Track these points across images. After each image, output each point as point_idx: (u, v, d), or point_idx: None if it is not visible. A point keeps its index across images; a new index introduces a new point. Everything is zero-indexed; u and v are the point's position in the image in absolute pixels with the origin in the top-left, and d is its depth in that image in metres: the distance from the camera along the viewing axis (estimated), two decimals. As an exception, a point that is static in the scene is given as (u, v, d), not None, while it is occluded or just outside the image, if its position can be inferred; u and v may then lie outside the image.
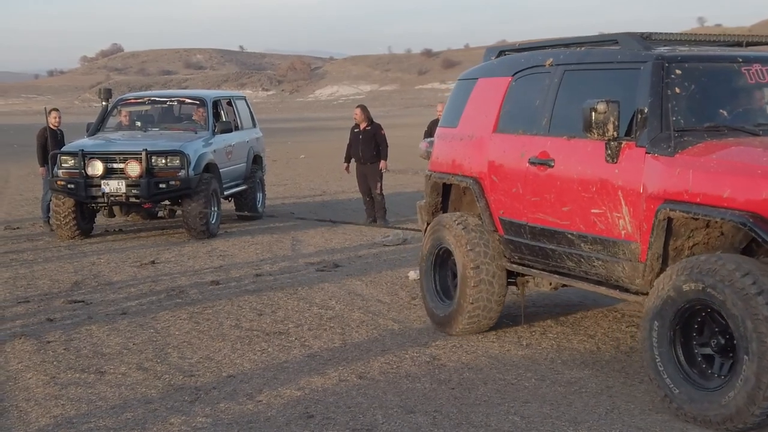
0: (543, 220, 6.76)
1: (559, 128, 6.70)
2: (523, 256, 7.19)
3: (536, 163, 6.79)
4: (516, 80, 7.35)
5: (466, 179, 7.64)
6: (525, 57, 7.44)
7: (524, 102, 7.17)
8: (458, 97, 8.14)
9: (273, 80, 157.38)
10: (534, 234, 6.90)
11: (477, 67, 8.20)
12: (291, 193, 19.89)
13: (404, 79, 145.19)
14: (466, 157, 7.66)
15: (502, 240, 7.34)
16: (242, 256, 11.73)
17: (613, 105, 5.93)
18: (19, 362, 7.06)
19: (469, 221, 7.56)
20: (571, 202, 6.47)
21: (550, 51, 7.27)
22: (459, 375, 6.57)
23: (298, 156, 32.07)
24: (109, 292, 9.60)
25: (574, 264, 6.60)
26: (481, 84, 7.80)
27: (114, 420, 5.74)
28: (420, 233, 13.28)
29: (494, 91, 7.52)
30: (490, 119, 7.46)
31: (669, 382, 5.57)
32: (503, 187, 7.18)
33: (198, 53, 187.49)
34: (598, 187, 6.22)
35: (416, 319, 8.27)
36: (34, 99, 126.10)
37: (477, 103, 7.75)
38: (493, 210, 7.35)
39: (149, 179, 12.83)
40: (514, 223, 7.12)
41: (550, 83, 6.90)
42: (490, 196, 7.35)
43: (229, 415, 5.79)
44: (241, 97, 16.68)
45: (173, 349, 7.37)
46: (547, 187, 6.70)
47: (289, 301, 9.01)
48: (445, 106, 14.51)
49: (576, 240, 6.47)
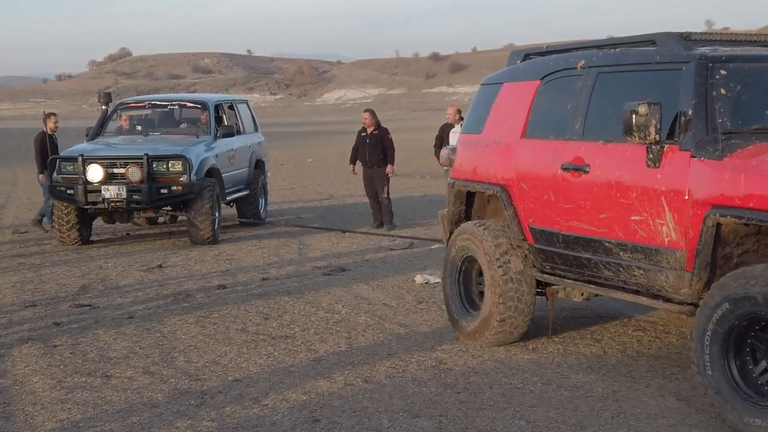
0: (577, 228, 6.51)
1: (593, 132, 6.45)
2: (555, 266, 6.92)
3: (570, 169, 6.53)
4: (545, 84, 7.10)
5: (492, 187, 7.37)
6: (554, 60, 7.18)
7: (555, 106, 6.92)
8: (482, 103, 7.86)
9: (281, 84, 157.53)
10: (567, 243, 6.65)
11: (501, 71, 7.93)
12: (298, 197, 19.91)
13: (412, 82, 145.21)
14: (492, 164, 7.39)
15: (532, 249, 7.07)
16: (249, 260, 11.74)
17: (655, 107, 5.69)
18: (26, 366, 7.07)
19: (496, 230, 7.29)
20: (609, 208, 6.22)
21: (580, 53, 7.00)
22: (465, 379, 6.56)
23: (305, 160, 32.10)
24: (115, 296, 9.62)
25: (611, 273, 6.34)
26: (507, 88, 7.53)
27: (120, 424, 5.75)
28: (427, 236, 13.35)
29: (521, 96, 7.27)
30: (517, 124, 7.19)
31: (720, 399, 5.32)
32: (533, 195, 6.92)
33: (206, 57, 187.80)
34: (638, 193, 5.98)
35: (422, 323, 8.27)
36: (43, 103, 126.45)
37: (503, 108, 7.48)
38: (522, 218, 7.08)
39: (150, 184, 12.61)
40: (545, 232, 6.86)
41: (583, 86, 6.66)
42: (519, 204, 7.08)
43: (234, 419, 5.79)
44: (242, 101, 16.49)
45: (179, 353, 7.37)
46: (581, 194, 6.45)
47: (296, 305, 9.02)
48: (455, 109, 14.65)
49: (614, 248, 6.22)
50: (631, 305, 8.03)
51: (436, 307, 8.86)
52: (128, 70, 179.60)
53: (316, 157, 33.05)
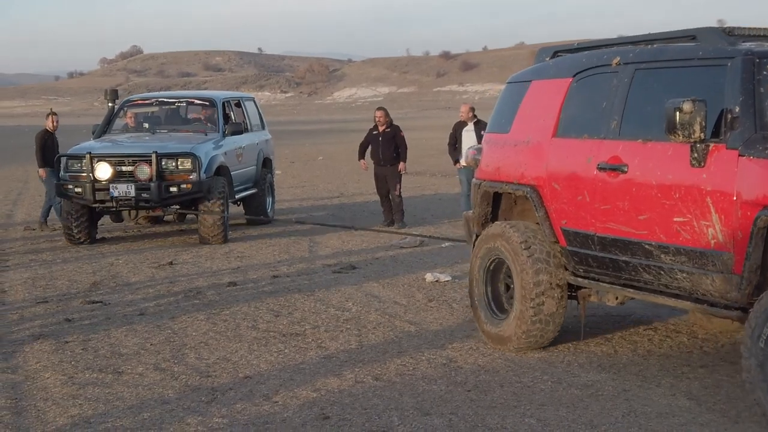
0: (615, 229, 6.31)
1: (631, 131, 6.26)
2: (590, 269, 6.71)
3: (606, 169, 6.34)
4: (577, 81, 6.90)
5: (521, 187, 7.15)
6: (586, 57, 6.99)
7: (588, 104, 6.74)
8: (509, 101, 7.65)
9: (291, 82, 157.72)
10: (604, 245, 6.44)
11: (529, 69, 7.73)
12: (308, 195, 19.93)
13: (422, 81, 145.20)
14: (521, 164, 7.17)
15: (565, 252, 6.87)
16: (259, 258, 11.75)
17: (700, 104, 5.51)
18: (38, 362, 7.10)
19: (527, 231, 7.06)
20: (649, 210, 6.02)
21: (614, 50, 6.78)
22: (475, 377, 6.56)
23: (315, 158, 32.13)
24: (127, 293, 9.64)
25: (651, 277, 6.15)
26: (536, 86, 7.33)
27: (131, 420, 5.76)
28: (438, 234, 13.35)
29: (552, 94, 7.07)
30: (548, 123, 6.99)
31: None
32: (566, 195, 6.71)
33: (217, 55, 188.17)
34: (681, 194, 5.78)
35: (433, 321, 8.27)
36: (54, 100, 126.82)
37: (532, 106, 7.27)
38: (554, 220, 6.88)
39: (159, 182, 12.42)
40: (579, 234, 6.66)
41: (619, 83, 6.46)
42: (551, 205, 6.87)
43: (245, 416, 5.80)
44: (249, 98, 16.26)
45: (190, 350, 7.39)
46: (619, 195, 6.24)
47: (306, 303, 9.02)
48: (468, 107, 14.61)
49: (655, 251, 6.02)
50: (642, 305, 8.02)
51: (446, 305, 8.86)
52: (139, 68, 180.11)
53: (327, 155, 33.07)
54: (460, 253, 11.57)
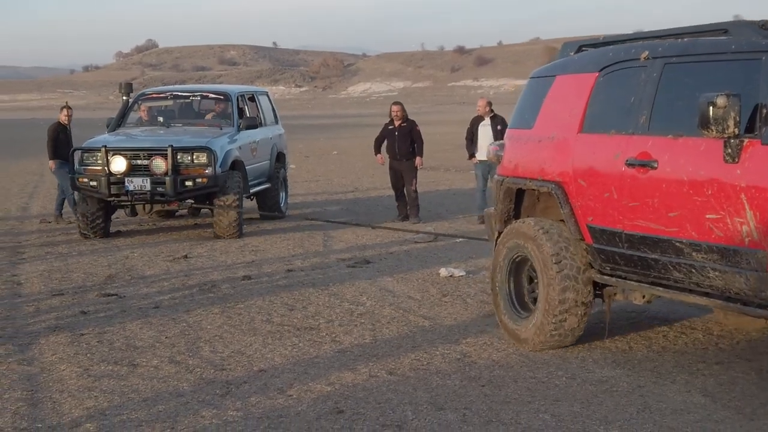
0: (644, 227, 6.17)
1: (661, 126, 6.13)
2: (616, 267, 6.58)
3: (635, 165, 6.20)
4: (604, 76, 6.77)
5: (546, 184, 7.01)
6: (613, 51, 6.86)
7: (616, 99, 6.61)
8: (532, 96, 7.53)
9: (306, 77, 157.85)
10: (632, 242, 6.30)
11: (553, 64, 7.60)
12: (323, 189, 19.94)
13: (437, 76, 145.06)
14: (546, 160, 7.04)
15: (591, 249, 6.73)
16: (274, 252, 11.77)
17: (734, 99, 5.39)
18: (53, 354, 7.13)
19: (552, 229, 6.92)
20: (680, 206, 5.89)
21: (642, 44, 6.64)
22: (489, 372, 6.55)
23: (330, 152, 32.15)
24: (142, 286, 9.68)
25: (682, 275, 6.02)
26: (561, 81, 7.20)
27: (146, 412, 5.79)
28: (453, 229, 13.34)
29: (578, 89, 6.93)
30: (574, 119, 6.85)
31: None
32: (593, 192, 6.58)
33: (232, 49, 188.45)
34: (714, 190, 5.65)
35: (447, 316, 8.27)
36: (70, 94, 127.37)
37: (557, 101, 7.15)
38: (580, 217, 6.74)
39: (175, 176, 12.35)
40: (606, 231, 6.52)
41: (648, 78, 6.33)
42: (576, 202, 6.74)
43: (259, 409, 5.81)
44: (263, 93, 16.16)
45: (205, 343, 7.41)
46: (648, 191, 6.12)
47: (320, 297, 9.04)
48: (485, 102, 14.58)
49: (686, 249, 5.89)
50: (658, 301, 7.98)
51: (460, 300, 8.86)
52: (154, 62, 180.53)
53: (341, 150, 33.11)
54: (475, 248, 11.56)
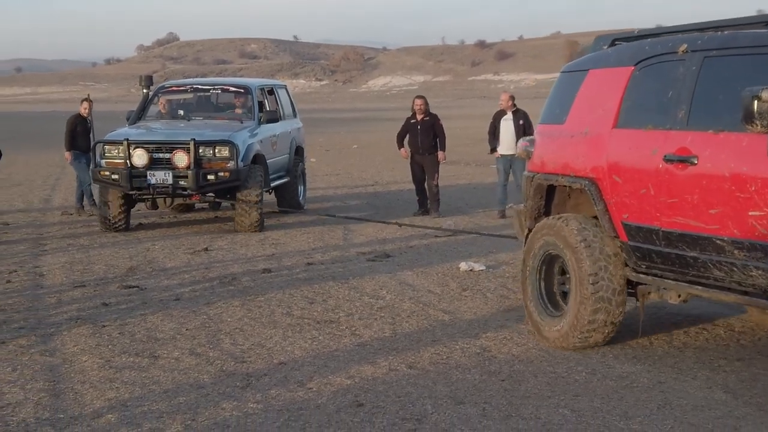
0: (682, 224, 6.02)
1: (701, 121, 5.98)
2: (652, 265, 6.44)
3: (674, 161, 6.04)
4: (640, 70, 6.61)
5: (579, 180, 6.88)
6: (649, 44, 6.70)
7: (653, 93, 6.47)
8: (564, 91, 7.39)
9: (326, 70, 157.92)
10: (669, 240, 6.16)
11: (586, 58, 7.45)
12: (343, 183, 19.95)
13: (457, 70, 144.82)
14: (578, 156, 6.91)
15: (626, 247, 6.59)
16: (294, 245, 11.79)
17: None
18: (75, 345, 7.18)
19: (585, 226, 6.80)
20: (722, 203, 5.73)
21: (679, 37, 6.47)
22: (509, 367, 6.55)
23: (350, 146, 32.16)
24: (162, 278, 9.72)
25: (723, 274, 5.88)
26: (594, 76, 7.06)
27: (167, 404, 5.82)
28: (473, 224, 13.32)
29: (612, 83, 6.80)
30: (608, 114, 6.72)
31: None
32: (628, 188, 6.43)
33: (252, 43, 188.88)
34: (758, 186, 5.49)
35: (467, 310, 8.26)
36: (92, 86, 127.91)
37: (590, 96, 7.02)
38: (614, 214, 6.60)
39: (197, 170, 12.28)
40: (642, 228, 6.37)
41: (686, 72, 6.17)
42: (611, 199, 6.60)
43: (279, 402, 5.83)
44: (282, 86, 16.08)
45: (225, 336, 7.44)
46: (688, 188, 5.95)
47: (340, 290, 9.05)
48: (508, 96, 14.52)
49: (727, 246, 5.74)
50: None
51: (480, 294, 8.85)
52: (175, 55, 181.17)
53: (362, 144, 33.10)
54: (495, 242, 11.55)
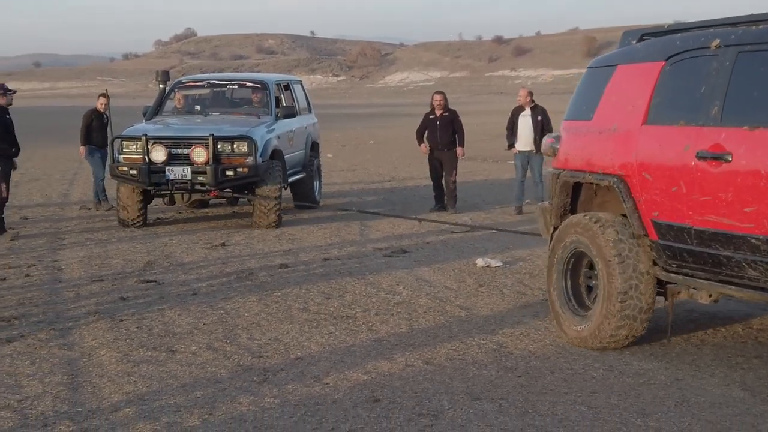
0: (716, 222, 5.89)
1: (735, 117, 5.85)
2: (683, 264, 6.31)
3: (707, 158, 5.91)
4: (670, 65, 6.49)
5: (607, 177, 6.77)
6: (680, 39, 6.57)
7: (684, 89, 6.34)
8: (591, 87, 7.29)
9: (343, 66, 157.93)
10: (702, 239, 6.02)
11: (614, 53, 7.35)
12: (360, 179, 19.96)
13: (474, 66, 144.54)
14: (607, 153, 6.80)
15: (655, 245, 6.46)
16: (310, 241, 11.81)
17: None
18: (93, 339, 7.22)
19: (614, 224, 6.69)
20: (757, 201, 5.60)
21: (711, 31, 6.35)
22: (526, 363, 6.54)
23: (367, 142, 32.16)
24: (180, 273, 9.75)
25: (758, 273, 5.74)
26: (623, 71, 6.95)
27: (184, 398, 5.84)
28: (489, 220, 13.31)
29: (642, 79, 6.68)
30: (638, 110, 6.60)
31: None
32: (659, 186, 6.30)
33: (270, 38, 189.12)
34: None
35: (483, 306, 8.26)
36: (110, 82, 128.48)
37: (618, 92, 6.91)
38: (644, 211, 6.48)
39: (216, 166, 12.24)
40: (673, 227, 6.24)
41: (719, 67, 6.05)
42: (640, 196, 6.47)
43: (296, 397, 5.85)
44: (297, 81, 16.02)
45: (242, 330, 7.46)
46: (721, 185, 5.83)
47: (357, 286, 9.06)
48: (526, 92, 14.47)
49: (763, 245, 5.61)
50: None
51: (497, 290, 8.84)
52: (193, 50, 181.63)
53: (378, 139, 33.10)
54: (511, 239, 11.53)
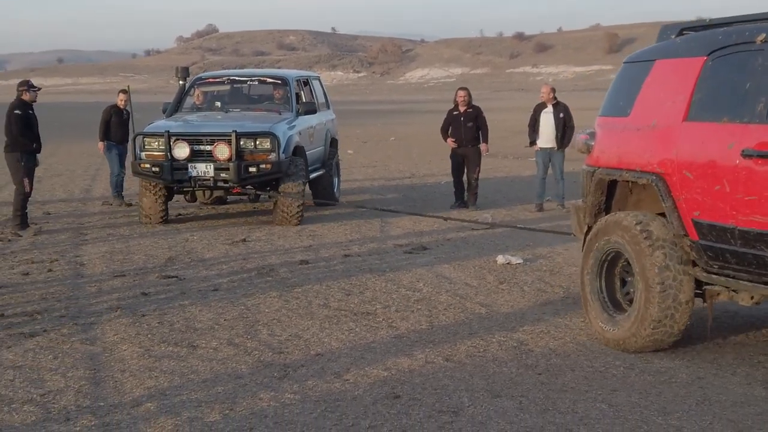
0: (761, 223, 5.71)
1: None
2: (726, 265, 6.16)
3: (753, 156, 5.73)
4: (713, 60, 6.33)
5: (645, 175, 6.61)
6: (723, 33, 6.42)
7: (727, 85, 6.19)
8: (628, 82, 7.15)
9: (364, 62, 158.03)
10: (747, 240, 5.85)
11: (652, 48, 7.18)
12: (380, 175, 19.96)
13: (495, 62, 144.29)
14: (645, 150, 6.64)
15: (696, 246, 6.29)
16: (331, 237, 11.82)
17: None
18: (115, 334, 7.26)
19: (652, 224, 6.54)
20: None
21: (756, 26, 6.18)
22: (546, 361, 6.53)
23: (387, 138, 32.14)
24: (201, 269, 9.79)
25: None
26: (661, 66, 6.80)
27: (205, 393, 5.87)
28: (510, 217, 13.28)
29: (682, 74, 6.51)
30: (678, 106, 6.43)
31: None
32: (700, 185, 6.12)
33: (291, 35, 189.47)
34: None
35: (504, 303, 8.25)
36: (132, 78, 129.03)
37: (657, 87, 6.75)
38: (684, 211, 6.31)
39: (239, 162, 12.13)
40: (716, 227, 6.07)
41: (765, 62, 5.90)
42: (680, 195, 6.30)
43: (316, 393, 5.86)
44: (315, 77, 15.85)
45: (263, 326, 7.49)
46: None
47: (377, 283, 9.07)
48: (549, 88, 14.40)
49: None
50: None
51: (517, 288, 8.83)
52: (215, 47, 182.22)
53: (399, 136, 33.08)
54: (532, 236, 11.51)
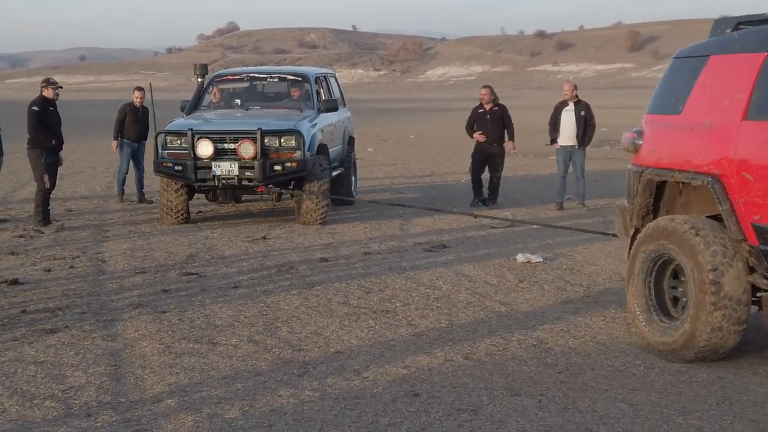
0: None
1: None
2: None
3: None
4: None
5: (699, 177, 6.36)
6: None
7: None
8: (679, 79, 6.90)
9: (384, 60, 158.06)
10: None
11: (705, 43, 6.90)
12: (400, 173, 19.96)
13: (516, 60, 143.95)
14: (699, 151, 6.39)
15: (755, 251, 6.03)
16: (351, 235, 11.84)
17: None
18: (136, 330, 7.30)
19: (707, 228, 6.30)
20: None
21: None
22: (566, 359, 6.52)
23: (407, 136, 32.12)
24: (221, 266, 9.82)
25: None
26: (717, 62, 6.54)
27: (225, 390, 5.89)
28: (530, 215, 13.25)
29: (740, 70, 6.26)
30: (737, 104, 6.17)
31: None
32: (762, 187, 5.87)
33: (311, 32, 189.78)
34: None
35: (523, 302, 8.23)
36: (153, 75, 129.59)
37: (712, 84, 6.51)
38: (743, 214, 6.06)
39: (264, 161, 11.92)
40: None
41: None
42: (738, 198, 6.05)
43: (336, 390, 5.88)
44: (332, 75, 15.64)
45: (283, 324, 7.51)
46: None
47: (397, 280, 9.07)
48: (571, 86, 14.33)
49: None
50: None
51: (537, 286, 8.81)
52: (235, 45, 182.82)
53: (419, 134, 33.05)
54: (552, 234, 11.48)
